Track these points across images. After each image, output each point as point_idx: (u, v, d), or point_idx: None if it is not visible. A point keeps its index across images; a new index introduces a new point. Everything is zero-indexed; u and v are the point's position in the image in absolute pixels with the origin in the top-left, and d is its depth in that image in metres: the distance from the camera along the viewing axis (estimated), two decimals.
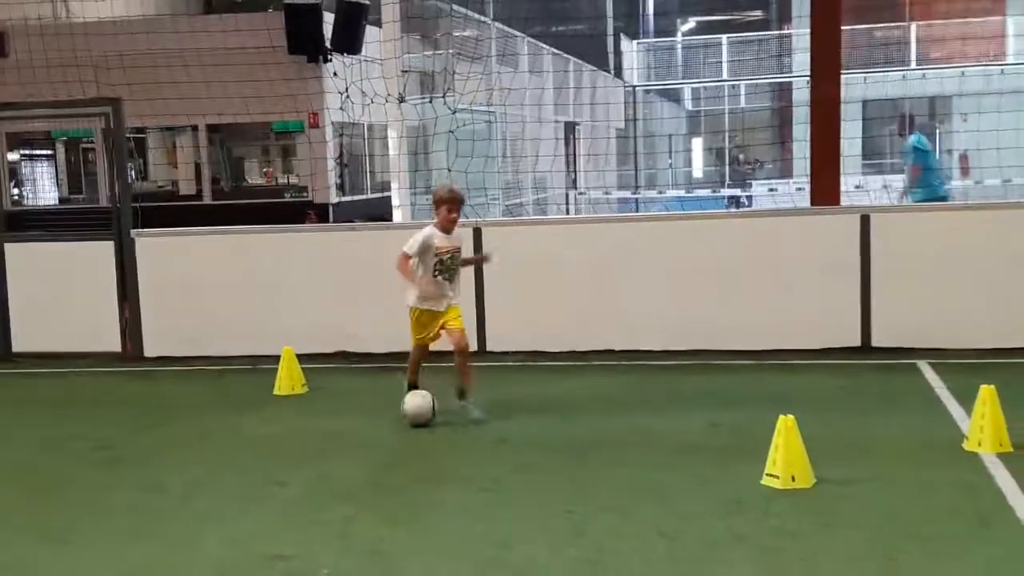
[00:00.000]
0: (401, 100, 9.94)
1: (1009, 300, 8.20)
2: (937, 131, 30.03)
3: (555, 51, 20.58)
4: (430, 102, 10.41)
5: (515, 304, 8.94)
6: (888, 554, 4.43)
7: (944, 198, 11.96)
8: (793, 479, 5.32)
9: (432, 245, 6.76)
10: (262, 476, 5.89)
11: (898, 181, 20.73)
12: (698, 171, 33.52)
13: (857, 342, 8.48)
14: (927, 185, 11.96)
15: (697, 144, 34.81)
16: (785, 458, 5.34)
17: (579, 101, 21.89)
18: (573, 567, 4.46)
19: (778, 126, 30.30)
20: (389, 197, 10.39)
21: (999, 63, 25.21)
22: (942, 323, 8.32)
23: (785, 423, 5.36)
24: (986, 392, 5.76)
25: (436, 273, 6.77)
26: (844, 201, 9.59)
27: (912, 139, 12.16)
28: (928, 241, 8.44)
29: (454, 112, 10.53)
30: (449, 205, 6.81)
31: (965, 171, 23.03)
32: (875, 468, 5.60)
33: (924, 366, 7.85)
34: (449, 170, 9.89)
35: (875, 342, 8.45)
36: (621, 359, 8.66)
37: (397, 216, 10.26)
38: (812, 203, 9.07)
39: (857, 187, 17.91)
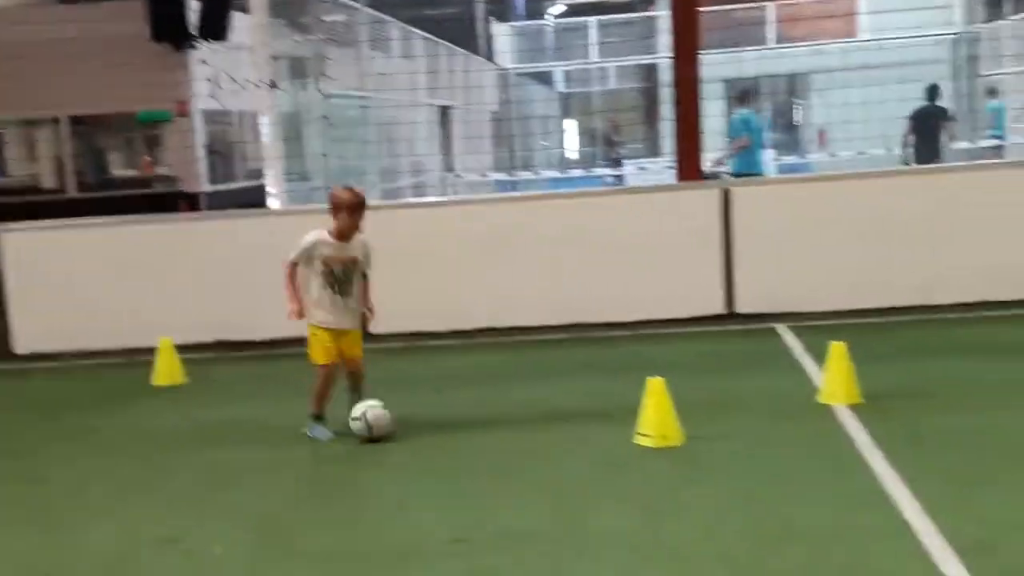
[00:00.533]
0: (272, 86, 9.96)
1: (859, 265, 8.69)
2: (795, 107, 31.15)
3: (426, 35, 20.68)
4: (303, 88, 10.45)
5: (396, 287, 9.05)
6: (750, 499, 4.76)
7: (760, 174, 12.48)
8: (664, 437, 5.65)
9: (318, 253, 5.87)
10: (149, 466, 5.94)
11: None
12: (573, 152, 34.07)
13: (722, 310, 8.90)
14: (746, 160, 12.46)
15: (571, 125, 35.33)
16: (656, 418, 5.66)
17: (452, 85, 22.07)
18: (460, 526, 4.68)
19: (647, 106, 31.00)
20: (263, 185, 10.41)
21: (852, 40, 26.23)
22: (799, 289, 8.77)
23: (655, 385, 5.67)
24: (836, 348, 6.18)
25: (329, 287, 5.90)
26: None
27: (739, 114, 12.71)
28: (785, 212, 8.87)
29: (326, 98, 10.59)
30: (349, 209, 5.84)
31: (822, 144, 23.97)
32: (739, 424, 5.96)
33: (783, 329, 8.29)
34: (324, 155, 9.97)
35: (738, 309, 8.87)
36: (502, 336, 8.90)
37: (272, 203, 10.29)
38: (678, 179, 9.44)
39: (720, 162, 18.53)
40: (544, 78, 33.21)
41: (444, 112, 21.68)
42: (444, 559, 4.35)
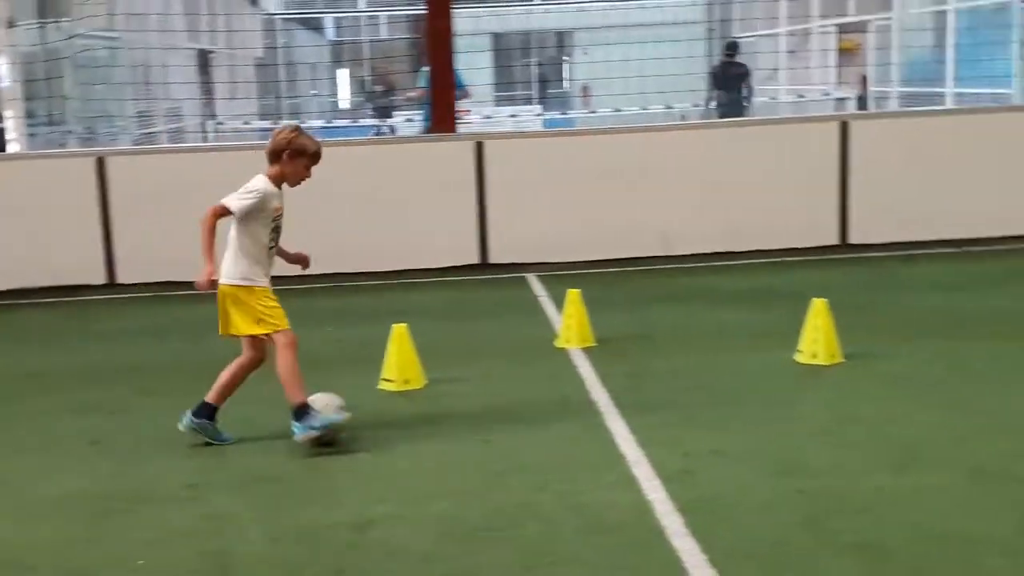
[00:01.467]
0: (11, 25, 9.46)
1: (600, 217, 9.14)
2: (566, 63, 31.91)
3: None
4: (43, 27, 9.96)
5: (147, 235, 8.91)
6: (483, 437, 5.03)
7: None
8: (407, 381, 5.85)
9: (271, 205, 4.98)
10: None
11: (526, 111, 21.92)
12: (345, 101, 33.68)
13: (476, 259, 9.18)
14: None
15: (343, 75, 34.89)
16: (398, 363, 5.85)
17: (213, 28, 21.43)
18: (200, 471, 4.73)
19: (416, 56, 30.99)
20: (2, 128, 9.91)
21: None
22: (548, 240, 9.16)
23: (398, 330, 5.86)
24: (572, 295, 6.55)
25: (272, 244, 5.03)
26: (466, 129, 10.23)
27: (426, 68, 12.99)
28: (535, 166, 9.21)
29: (70, 37, 10.16)
30: (314, 160, 5.08)
31: (587, 101, 24.71)
32: (480, 367, 6.24)
33: (532, 278, 8.65)
34: (64, 98, 9.60)
35: (491, 259, 9.18)
36: None
37: (12, 148, 9.82)
38: (431, 131, 9.62)
39: (487, 118, 18.91)
40: (314, 24, 32.65)
41: (204, 57, 21.05)
42: (176, 504, 4.40)
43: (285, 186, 5.06)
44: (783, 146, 9.39)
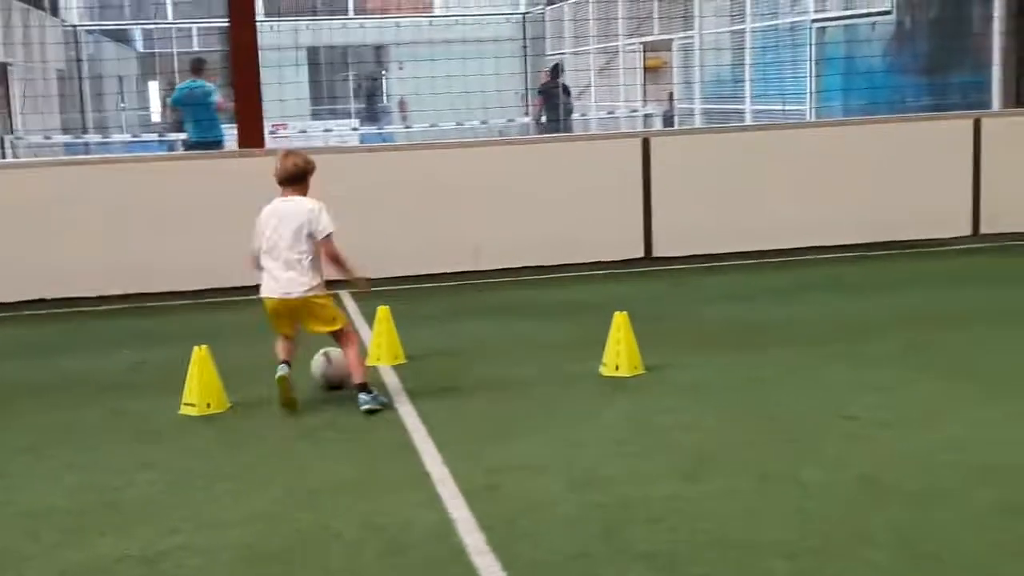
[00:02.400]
0: None
1: (411, 232, 9.12)
2: (381, 78, 31.85)
3: None
4: None
5: None
6: (283, 460, 4.95)
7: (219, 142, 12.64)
8: (208, 405, 5.70)
9: None
10: None
11: (344, 125, 21.75)
12: (156, 115, 32.64)
13: None
14: (203, 128, 12.70)
15: (154, 87, 33.82)
16: (200, 386, 5.70)
17: (10, 40, 20.47)
18: None
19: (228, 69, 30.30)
20: None
21: (428, 15, 27.21)
22: (358, 255, 9.03)
23: (199, 353, 5.71)
24: (382, 312, 6.54)
25: None
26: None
27: (187, 84, 13.06)
28: (351, 181, 9.11)
29: None
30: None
31: (404, 116, 24.72)
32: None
33: (344, 295, 8.56)
34: None
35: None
36: (53, 307, 8.53)
37: None
38: (239, 146, 9.43)
39: (302, 132, 18.69)
40: (121, 36, 31.56)
41: (3, 69, 20.08)
42: None
43: None
44: (591, 162, 9.61)
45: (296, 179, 5.82)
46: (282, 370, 5.67)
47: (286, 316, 5.73)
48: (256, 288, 8.59)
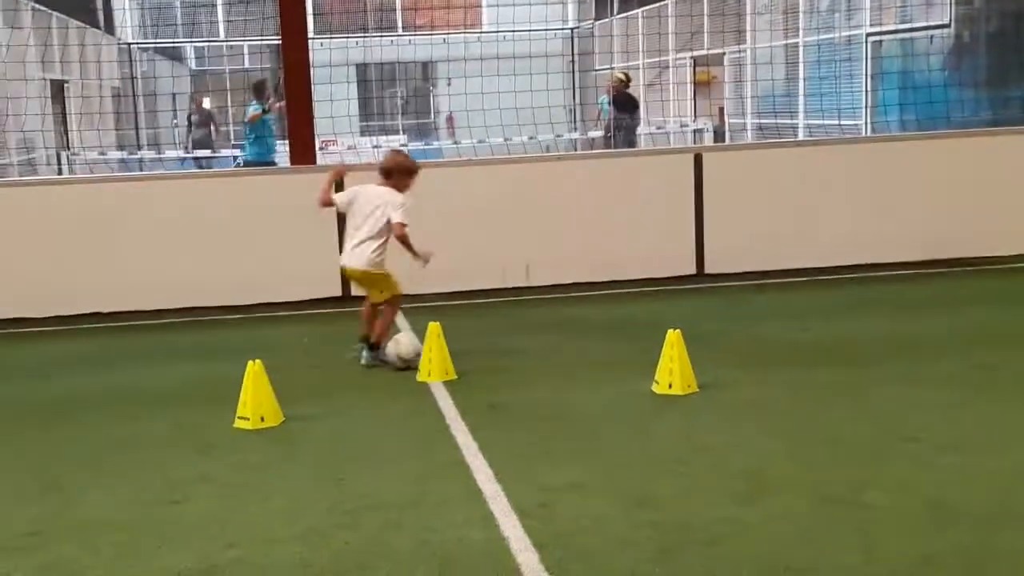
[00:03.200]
0: None
1: (462, 249, 9.05)
2: (431, 94, 31.99)
3: (36, 6, 19.36)
4: None
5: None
6: (336, 476, 4.94)
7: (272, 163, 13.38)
8: (262, 419, 5.72)
9: None
10: None
11: (393, 141, 21.84)
12: (181, 131, 33.08)
13: (338, 292, 9.07)
14: (260, 149, 13.57)
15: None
16: (254, 400, 5.72)
17: (67, 59, 20.80)
18: (36, 518, 4.53)
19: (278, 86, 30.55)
20: None
21: (475, 31, 27.27)
22: (408, 272, 9.08)
23: (253, 368, 5.73)
24: (433, 328, 6.53)
25: None
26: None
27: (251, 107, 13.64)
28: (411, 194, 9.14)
29: None
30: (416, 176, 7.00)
31: (452, 131, 24.76)
32: (339, 404, 6.14)
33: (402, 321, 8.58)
34: None
35: (353, 292, 9.06)
36: (110, 321, 8.65)
37: None
38: (291, 163, 9.49)
39: (351, 148, 18.78)
40: (174, 54, 32.00)
41: (60, 87, 20.41)
42: (15, 553, 4.20)
43: None
44: (642, 177, 9.55)
45: (385, 173, 6.88)
46: (354, 352, 6.86)
47: (354, 281, 7.19)
48: (308, 303, 8.82)
